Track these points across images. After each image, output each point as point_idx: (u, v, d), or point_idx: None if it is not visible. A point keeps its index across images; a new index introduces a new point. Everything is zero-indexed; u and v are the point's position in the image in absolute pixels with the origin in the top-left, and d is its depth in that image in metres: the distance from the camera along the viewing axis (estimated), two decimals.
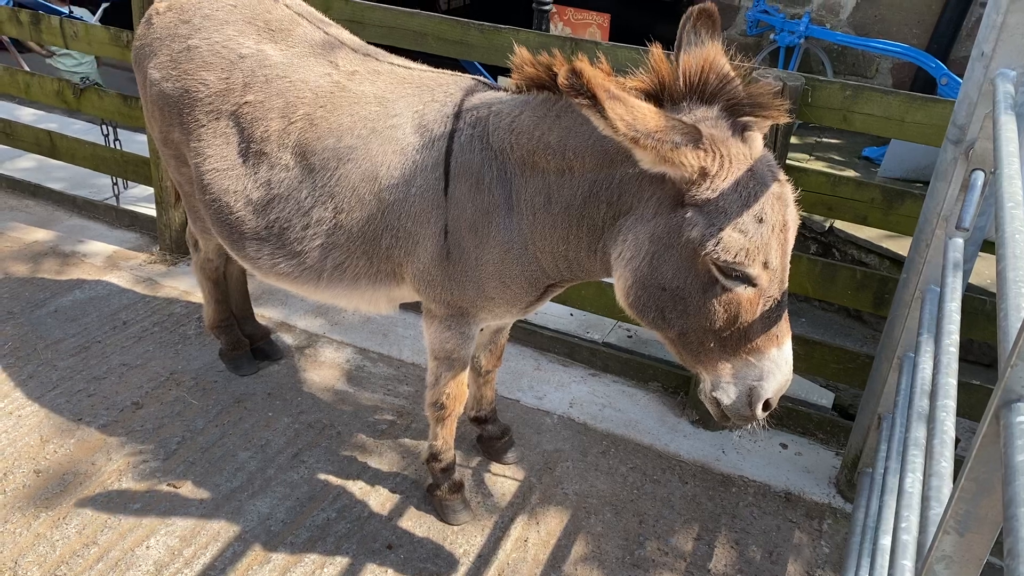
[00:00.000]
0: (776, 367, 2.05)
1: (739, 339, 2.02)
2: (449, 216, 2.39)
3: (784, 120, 2.00)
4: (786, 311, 2.05)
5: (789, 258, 2.02)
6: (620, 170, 2.09)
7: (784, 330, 2.04)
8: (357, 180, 2.49)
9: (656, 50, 2.02)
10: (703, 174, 1.90)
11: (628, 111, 1.84)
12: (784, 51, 6.30)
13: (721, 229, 1.89)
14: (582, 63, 1.83)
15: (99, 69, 7.21)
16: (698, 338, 2.07)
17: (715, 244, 1.89)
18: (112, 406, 3.43)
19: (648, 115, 1.86)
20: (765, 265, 1.93)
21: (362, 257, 2.58)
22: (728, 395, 2.10)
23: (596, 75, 1.83)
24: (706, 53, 2.01)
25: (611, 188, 2.12)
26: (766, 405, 2.09)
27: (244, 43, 2.70)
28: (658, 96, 2.01)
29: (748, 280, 1.95)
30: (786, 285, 2.03)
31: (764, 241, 1.91)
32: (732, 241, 1.88)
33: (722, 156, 1.90)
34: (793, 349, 2.10)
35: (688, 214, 1.94)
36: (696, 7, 2.10)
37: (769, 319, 2.00)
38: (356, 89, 2.57)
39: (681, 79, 1.98)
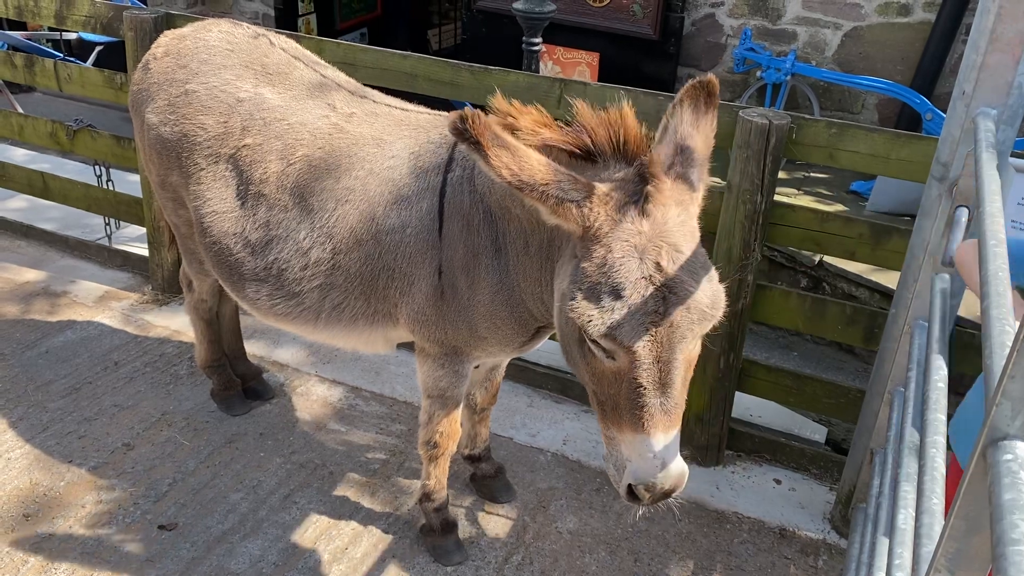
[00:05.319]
0: (638, 455, 1.88)
1: (612, 409, 1.93)
2: (443, 256, 2.41)
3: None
4: (668, 404, 1.85)
5: (676, 354, 1.83)
6: None
7: (656, 422, 1.84)
8: (355, 221, 2.51)
9: (581, 105, 2.01)
10: (585, 232, 1.87)
11: (515, 160, 1.83)
12: (771, 88, 6.37)
13: (579, 290, 1.83)
14: (473, 112, 1.82)
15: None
16: (589, 391, 2.04)
17: (571, 302, 1.84)
18: (103, 448, 3.41)
19: (535, 166, 1.85)
20: (617, 343, 1.81)
21: (360, 297, 2.59)
22: (608, 463, 2.03)
23: (488, 123, 1.82)
24: (624, 113, 1.97)
25: (561, 233, 2.08)
26: (635, 491, 1.91)
27: (242, 87, 2.74)
28: (590, 151, 2.00)
29: (603, 351, 1.86)
30: (671, 380, 1.84)
31: (618, 319, 1.78)
32: (582, 307, 1.81)
33: (604, 219, 1.85)
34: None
35: (567, 267, 1.95)
36: (689, 83, 2.03)
37: (635, 402, 1.85)
38: (354, 131, 2.60)
39: (603, 136, 1.97)
